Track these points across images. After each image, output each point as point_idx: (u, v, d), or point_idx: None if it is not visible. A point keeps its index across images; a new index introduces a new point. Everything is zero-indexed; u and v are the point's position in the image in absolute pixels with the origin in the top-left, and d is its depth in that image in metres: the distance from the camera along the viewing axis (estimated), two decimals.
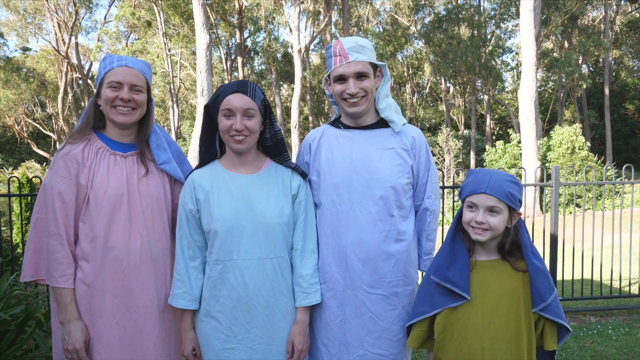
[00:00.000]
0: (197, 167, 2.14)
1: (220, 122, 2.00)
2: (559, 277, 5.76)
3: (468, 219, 1.89)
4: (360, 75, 2.11)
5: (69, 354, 1.95)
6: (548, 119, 33.27)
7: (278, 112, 30.44)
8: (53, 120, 37.39)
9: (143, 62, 2.12)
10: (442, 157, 23.65)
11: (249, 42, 33.31)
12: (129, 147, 2.12)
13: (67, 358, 1.96)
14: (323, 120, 38.71)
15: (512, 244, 1.92)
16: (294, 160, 2.34)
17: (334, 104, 2.29)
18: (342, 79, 2.13)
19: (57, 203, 1.95)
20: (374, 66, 2.17)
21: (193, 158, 14.08)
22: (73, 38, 31.89)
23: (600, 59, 32.74)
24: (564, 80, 27.28)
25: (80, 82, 35.02)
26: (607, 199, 15.48)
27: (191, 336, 2.04)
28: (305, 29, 27.79)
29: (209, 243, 2.02)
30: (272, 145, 2.13)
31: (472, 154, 32.36)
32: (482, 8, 32.57)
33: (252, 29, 31.22)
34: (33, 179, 4.71)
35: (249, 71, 35.98)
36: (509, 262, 1.90)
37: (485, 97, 33.01)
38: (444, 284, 1.88)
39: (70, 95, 33.04)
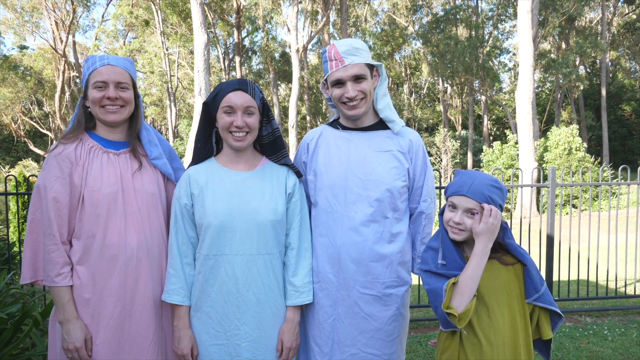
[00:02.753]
0: (192, 164, 2.15)
1: (220, 119, 2.02)
2: (555, 278, 5.78)
3: (447, 218, 1.94)
4: (358, 78, 2.11)
5: (69, 353, 1.94)
6: (545, 120, 33.35)
7: (276, 111, 30.44)
8: (50, 119, 37.32)
9: (125, 59, 2.12)
10: (439, 157, 23.69)
11: (246, 42, 33.30)
12: (121, 144, 2.13)
13: (68, 357, 1.96)
14: (321, 119, 38.73)
15: (494, 245, 1.94)
16: (292, 159, 2.35)
17: (333, 107, 2.29)
18: (339, 83, 2.13)
19: (50, 203, 1.95)
20: (370, 67, 2.17)
21: (191, 158, 14.09)
22: (70, 36, 31.83)
23: (597, 60, 32.85)
24: (561, 81, 27.38)
25: (78, 80, 34.94)
26: (604, 200, 15.53)
27: (190, 334, 2.03)
28: (303, 29, 27.79)
29: (200, 238, 2.03)
30: (270, 143, 2.14)
31: (470, 155, 32.43)
32: (479, 9, 32.64)
33: (250, 29, 31.23)
34: (30, 178, 4.71)
35: (247, 70, 35.97)
36: (495, 258, 1.94)
37: (483, 97, 33.07)
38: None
39: (67, 94, 32.97)
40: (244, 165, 2.09)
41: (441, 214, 2.01)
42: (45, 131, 36.91)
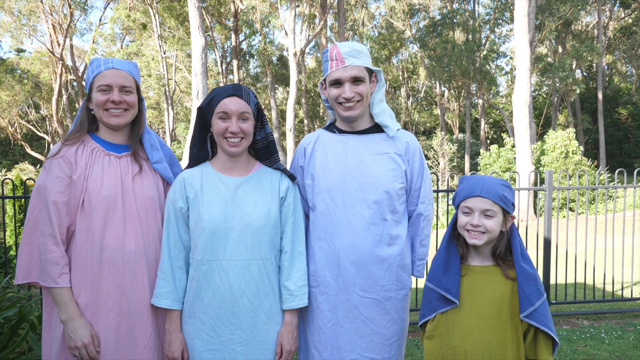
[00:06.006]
0: (187, 168, 2.15)
1: (215, 125, 2.02)
2: (552, 281, 5.78)
3: (464, 222, 1.92)
4: (356, 80, 2.13)
5: (76, 351, 1.94)
6: (542, 123, 33.46)
7: (273, 115, 30.43)
8: (47, 122, 37.23)
9: (130, 63, 2.13)
10: (436, 161, 23.73)
11: (244, 45, 33.34)
12: (122, 148, 2.14)
13: (75, 356, 1.96)
14: (318, 123, 38.75)
15: (505, 248, 1.95)
16: (288, 164, 2.35)
17: (330, 108, 2.30)
18: (338, 83, 2.14)
19: (51, 203, 1.94)
20: (370, 71, 2.19)
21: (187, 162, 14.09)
22: (68, 40, 31.77)
23: (594, 64, 32.98)
24: (557, 84, 27.46)
25: (75, 84, 34.89)
26: (600, 203, 15.56)
27: (181, 337, 2.04)
28: (301, 33, 27.83)
29: (193, 243, 2.03)
30: (263, 148, 2.14)
31: (467, 158, 32.48)
32: (476, 13, 32.76)
33: (247, 32, 31.25)
34: (27, 181, 4.69)
35: (245, 74, 35.97)
36: (501, 268, 1.93)
37: (480, 101, 33.14)
38: (438, 289, 1.92)
39: (64, 97, 32.90)
40: (239, 171, 2.10)
41: (452, 225, 1.99)
42: (42, 134, 36.81)
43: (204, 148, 2.14)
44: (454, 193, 2.02)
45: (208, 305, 1.99)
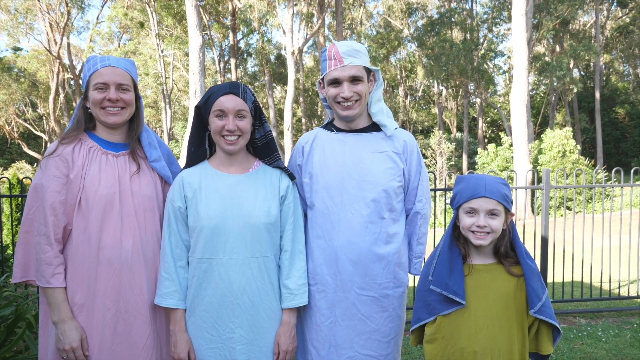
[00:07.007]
0: (185, 167, 2.14)
1: (212, 123, 2.01)
2: (549, 280, 5.79)
3: (468, 224, 1.89)
4: (355, 79, 2.13)
5: (64, 354, 1.93)
6: (539, 123, 33.50)
7: (271, 114, 30.41)
8: (44, 121, 37.13)
9: (127, 61, 2.11)
10: (434, 159, 23.74)
11: (242, 44, 33.28)
12: (120, 146, 2.12)
13: (63, 358, 1.95)
14: (316, 122, 38.73)
15: (507, 245, 1.94)
16: (286, 162, 2.35)
17: (328, 107, 2.30)
18: (336, 82, 2.14)
19: (47, 202, 1.93)
20: (368, 70, 2.20)
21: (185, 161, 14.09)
22: (65, 38, 31.65)
23: (591, 63, 33.05)
24: (555, 84, 27.51)
25: (72, 82, 34.77)
26: (598, 202, 15.60)
27: (186, 338, 2.03)
28: (299, 31, 27.79)
29: (193, 241, 2.02)
30: (263, 146, 2.14)
31: (465, 157, 32.52)
32: (474, 12, 32.77)
33: (245, 31, 31.21)
34: (24, 180, 4.67)
35: (242, 73, 35.93)
36: (504, 265, 1.92)
37: (478, 100, 33.19)
38: (446, 293, 1.87)
39: (61, 96, 32.80)
40: (237, 169, 2.09)
41: (452, 226, 1.98)
42: (39, 133, 36.70)
43: (201, 147, 2.13)
44: (451, 193, 2.01)
45: (208, 304, 1.99)
